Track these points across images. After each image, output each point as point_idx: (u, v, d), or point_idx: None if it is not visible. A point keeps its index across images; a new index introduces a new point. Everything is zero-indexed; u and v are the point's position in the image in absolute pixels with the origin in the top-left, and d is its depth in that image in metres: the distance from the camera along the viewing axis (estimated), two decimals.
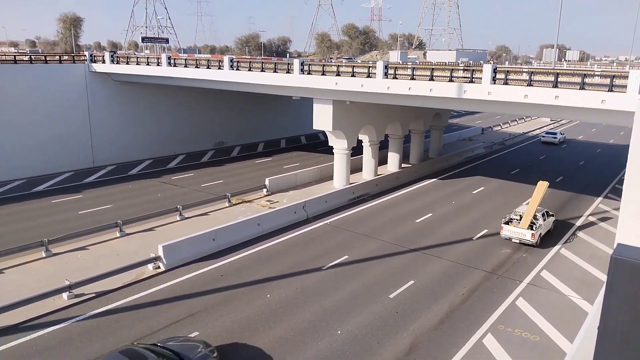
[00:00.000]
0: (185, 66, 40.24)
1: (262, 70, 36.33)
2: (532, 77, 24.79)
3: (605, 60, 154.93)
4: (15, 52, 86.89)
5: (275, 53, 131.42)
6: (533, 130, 67.35)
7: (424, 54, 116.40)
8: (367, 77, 31.05)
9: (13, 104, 36.93)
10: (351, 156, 36.64)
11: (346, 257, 23.53)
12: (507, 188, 37.22)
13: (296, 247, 24.85)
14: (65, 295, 18.75)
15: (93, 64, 42.18)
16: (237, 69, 37.38)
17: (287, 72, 34.87)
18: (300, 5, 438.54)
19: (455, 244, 25.64)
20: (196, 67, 39.60)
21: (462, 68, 28.77)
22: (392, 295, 19.77)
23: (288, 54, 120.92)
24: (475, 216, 30.32)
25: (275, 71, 35.67)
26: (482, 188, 36.93)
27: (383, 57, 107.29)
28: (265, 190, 34.25)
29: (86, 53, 44.18)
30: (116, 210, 30.00)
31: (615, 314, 1.30)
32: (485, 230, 27.72)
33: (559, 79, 23.91)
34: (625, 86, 21.61)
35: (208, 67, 38.92)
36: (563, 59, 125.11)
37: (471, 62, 73.11)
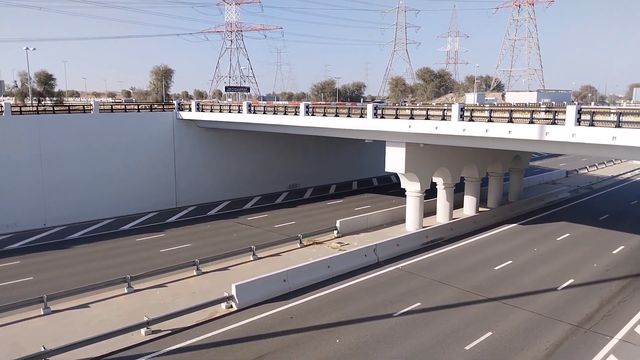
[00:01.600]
0: (264, 113, 42.11)
1: (336, 115, 37.17)
2: (621, 117, 23.25)
3: None
4: (112, 102, 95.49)
5: (350, 98, 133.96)
6: (623, 174, 62.53)
7: (503, 96, 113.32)
8: (441, 119, 30.70)
9: (108, 148, 40.39)
10: (425, 199, 35.94)
11: (418, 304, 22.68)
12: (595, 235, 34.48)
13: (366, 291, 24.39)
14: (143, 331, 19.57)
15: (180, 112, 45.39)
16: (313, 115, 38.52)
17: (361, 117, 35.37)
18: (375, 52, 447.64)
19: (537, 294, 23.92)
20: (274, 113, 41.32)
21: (543, 109, 27.62)
22: (468, 347, 18.65)
23: (362, 99, 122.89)
24: (560, 264, 28.24)
25: (349, 116, 36.32)
26: (568, 234, 34.48)
27: (459, 99, 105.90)
28: (336, 232, 34.28)
29: (175, 102, 47.75)
30: (194, 250, 31.30)
31: None
32: (572, 280, 25.66)
33: None
34: None
35: (285, 114, 40.47)
36: None
37: (553, 103, 70.02)
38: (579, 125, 24.23)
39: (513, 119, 27.17)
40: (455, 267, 27.96)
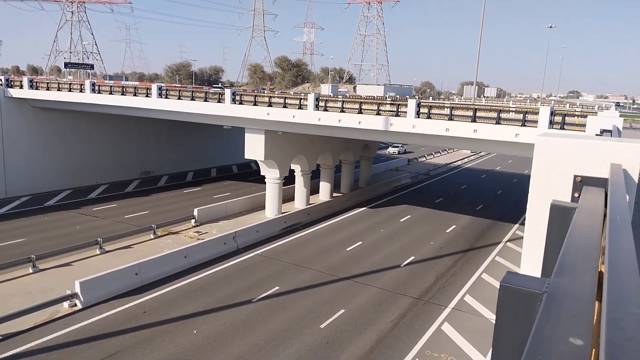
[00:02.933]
0: (111, 93, 38.90)
1: (192, 99, 35.89)
2: (453, 111, 26.34)
3: (520, 96, 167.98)
4: None
5: (207, 82, 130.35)
6: (455, 162, 71.07)
7: (354, 88, 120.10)
8: (298, 108, 31.54)
9: None
10: (283, 185, 36.71)
11: (277, 288, 23.24)
12: (432, 216, 38.75)
13: (225, 279, 24.23)
14: None
15: (9, 89, 39.67)
16: (166, 97, 36.69)
17: (219, 102, 34.67)
18: (233, 37, 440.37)
19: (384, 272, 26.15)
20: (122, 94, 38.39)
21: (389, 102, 29.99)
22: (323, 325, 19.69)
23: (220, 83, 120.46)
24: (403, 244, 31.20)
25: (206, 100, 35.35)
26: (409, 216, 38.19)
27: (315, 89, 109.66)
28: (193, 221, 33.32)
29: (1, 77, 41.54)
30: (30, 244, 27.87)
31: (504, 340, 1.37)
32: (412, 257, 28.54)
33: (477, 114, 25.59)
34: (536, 121, 23.52)
35: (135, 95, 37.87)
36: (482, 95, 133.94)
37: (398, 96, 76.34)
38: (419, 117, 26.86)
39: (362, 111, 29.06)
40: (312, 250, 29.19)
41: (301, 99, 31.88)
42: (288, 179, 37.43)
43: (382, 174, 56.46)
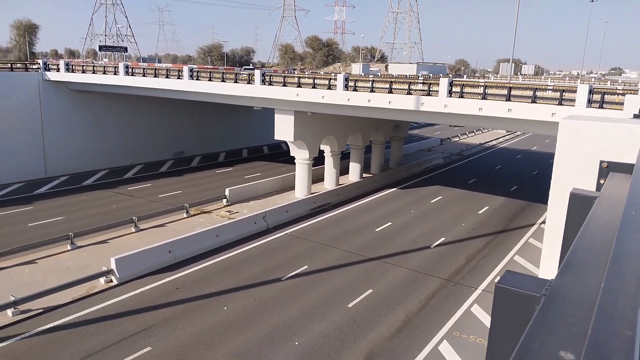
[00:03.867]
0: (144, 75, 39.51)
1: (222, 81, 36.09)
2: (487, 90, 25.58)
3: (559, 74, 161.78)
4: None
5: (239, 63, 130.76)
6: (489, 141, 69.41)
7: (386, 67, 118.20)
8: (327, 88, 31.28)
9: None
10: (313, 166, 36.72)
11: (306, 267, 23.45)
12: (464, 197, 38.12)
13: (255, 258, 24.59)
14: (9, 311, 17.88)
15: (47, 72, 40.82)
16: (197, 79, 37.00)
17: (248, 83, 34.76)
18: (264, 17, 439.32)
19: (413, 252, 25.99)
20: (155, 76, 38.92)
21: (420, 81, 29.38)
22: (351, 304, 19.80)
23: (251, 64, 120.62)
24: (433, 225, 30.86)
25: (236, 81, 35.48)
26: (440, 197, 37.67)
27: (346, 69, 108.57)
28: (225, 200, 33.83)
29: (40, 61, 42.76)
30: (68, 223, 28.93)
31: (499, 346, 1.31)
32: (443, 239, 28.23)
33: (512, 93, 24.76)
34: (574, 100, 22.59)
35: (167, 77, 38.34)
36: (519, 73, 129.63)
37: (431, 75, 74.78)
38: (451, 96, 26.22)
39: (393, 90, 28.56)
40: (341, 230, 29.23)
41: (330, 79, 31.60)
42: (318, 160, 37.40)
43: (413, 155, 55.72)
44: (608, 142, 2.80)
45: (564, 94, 22.71)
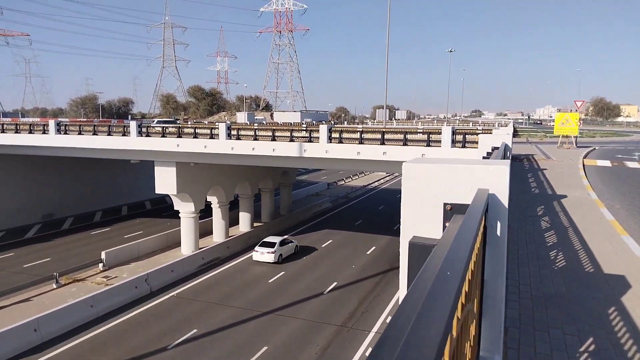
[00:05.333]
0: (3, 131, 35.66)
1: (94, 134, 33.76)
2: (363, 135, 26.77)
3: (428, 117, 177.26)
4: None
5: (117, 115, 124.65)
6: (372, 183, 72.80)
7: (271, 115, 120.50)
8: (210, 138, 30.63)
9: None
10: (200, 219, 35.25)
11: (194, 331, 21.81)
12: (353, 239, 38.96)
13: (137, 327, 22.39)
14: None
15: None
16: (66, 133, 34.21)
17: (124, 135, 32.88)
18: (143, 67, 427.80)
19: (307, 301, 25.56)
20: (16, 131, 35.31)
21: (301, 129, 29.99)
22: None
23: (130, 116, 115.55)
24: (325, 270, 30.88)
25: (109, 134, 33.38)
26: (330, 241, 38.10)
27: (231, 118, 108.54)
28: (101, 265, 30.83)
29: None
30: None
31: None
32: (335, 283, 28.26)
33: (386, 137, 26.17)
34: (440, 141, 24.43)
35: (31, 132, 34.98)
36: (393, 118, 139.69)
37: (314, 122, 77.42)
38: (331, 142, 27.00)
39: (276, 138, 28.76)
40: (232, 285, 27.98)
41: (212, 128, 31.04)
42: (205, 212, 36.04)
43: (303, 200, 56.28)
44: (451, 183, 2.72)
45: (431, 136, 24.50)
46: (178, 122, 66.68)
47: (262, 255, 31.78)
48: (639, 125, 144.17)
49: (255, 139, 29.27)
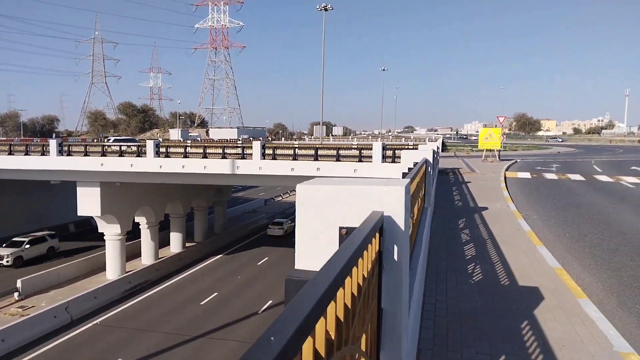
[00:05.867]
0: None
1: (10, 153, 31.40)
2: (297, 152, 26.69)
3: (364, 133, 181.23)
4: None
5: (40, 133, 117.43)
6: None
7: (207, 132, 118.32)
8: (137, 156, 29.37)
9: None
10: (128, 241, 33.54)
11: None
12: (288, 255, 38.51)
13: None
14: None
15: None
16: None
17: (43, 154, 30.81)
18: (70, 84, 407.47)
19: (241, 322, 24.80)
20: None
21: (233, 145, 29.48)
22: None
23: (55, 134, 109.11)
24: (260, 288, 30.22)
25: (27, 153, 31.17)
26: (266, 258, 37.47)
27: (164, 135, 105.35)
28: (16, 294, 28.38)
29: None
30: None
31: None
32: (270, 301, 27.68)
33: (319, 153, 26.22)
34: (371, 156, 24.78)
35: None
36: (330, 134, 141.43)
37: (251, 138, 76.73)
38: (264, 159, 26.68)
39: (208, 155, 28.03)
40: (161, 310, 26.66)
41: (140, 146, 29.78)
42: (134, 233, 34.38)
43: (239, 217, 55.17)
44: (347, 206, 2.55)
45: (362, 151, 24.83)
46: (106, 139, 63.61)
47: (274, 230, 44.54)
48: (557, 138, 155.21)
49: (186, 157, 28.37)
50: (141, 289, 30.34)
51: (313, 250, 2.64)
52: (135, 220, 34.80)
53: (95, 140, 66.47)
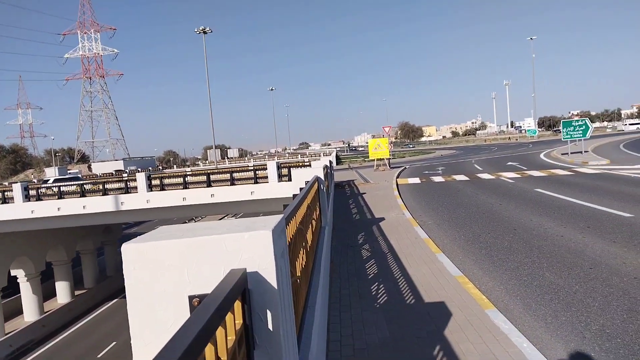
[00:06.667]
0: None
1: None
2: (187, 179, 25.22)
3: (260, 153, 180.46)
4: None
5: None
6: None
7: (89, 167, 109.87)
8: (3, 203, 25.90)
9: None
10: (5, 298, 29.41)
11: None
12: None
13: None
14: None
15: None
16: None
17: None
18: None
19: None
20: None
21: (114, 179, 27.18)
22: None
23: None
24: None
25: None
26: None
27: (40, 175, 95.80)
28: None
29: None
30: None
31: None
32: None
33: (212, 178, 25.00)
34: (267, 177, 24.13)
35: None
36: (226, 157, 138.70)
37: (139, 169, 72.51)
38: (152, 191, 24.85)
39: (86, 193, 25.51)
40: None
41: (5, 190, 26.33)
42: (13, 288, 30.32)
43: None
44: (197, 266, 1.90)
45: (257, 172, 24.12)
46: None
47: None
48: (439, 142, 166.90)
49: (61, 198, 25.55)
50: (26, 350, 26.60)
51: (151, 330, 1.92)
52: (12, 274, 30.80)
53: None
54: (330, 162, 22.96)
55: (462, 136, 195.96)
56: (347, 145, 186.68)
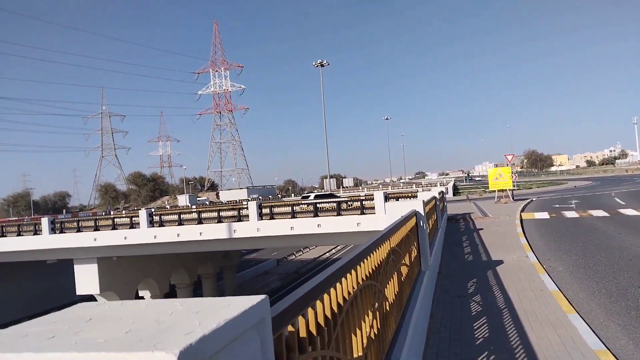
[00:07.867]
0: None
1: (2, 235, 30.35)
2: (295, 209, 25.12)
3: (375, 183, 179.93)
4: None
5: (52, 210, 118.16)
6: (322, 255, 70.57)
7: (217, 195, 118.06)
8: (130, 228, 28.04)
9: None
10: None
11: None
12: None
13: None
14: None
15: None
16: None
17: (35, 234, 29.68)
18: (81, 158, 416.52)
19: None
20: None
21: (228, 207, 28.06)
22: None
23: (66, 210, 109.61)
24: None
25: (19, 234, 30.07)
26: None
27: (173, 201, 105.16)
28: None
29: None
30: None
31: None
32: None
33: (319, 207, 24.63)
34: (373, 207, 23.08)
35: None
36: (341, 186, 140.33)
37: (261, 197, 75.75)
38: (262, 219, 25.12)
39: (203, 220, 26.59)
40: None
41: (132, 217, 28.51)
42: None
43: (250, 281, 53.02)
44: None
45: (364, 203, 23.17)
46: (119, 210, 62.82)
47: None
48: (571, 172, 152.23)
49: (180, 224, 26.94)
50: None
51: None
52: (140, 294, 33.09)
53: (105, 214, 65.89)
54: (442, 192, 21.24)
55: (598, 165, 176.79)
56: (466, 174, 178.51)
